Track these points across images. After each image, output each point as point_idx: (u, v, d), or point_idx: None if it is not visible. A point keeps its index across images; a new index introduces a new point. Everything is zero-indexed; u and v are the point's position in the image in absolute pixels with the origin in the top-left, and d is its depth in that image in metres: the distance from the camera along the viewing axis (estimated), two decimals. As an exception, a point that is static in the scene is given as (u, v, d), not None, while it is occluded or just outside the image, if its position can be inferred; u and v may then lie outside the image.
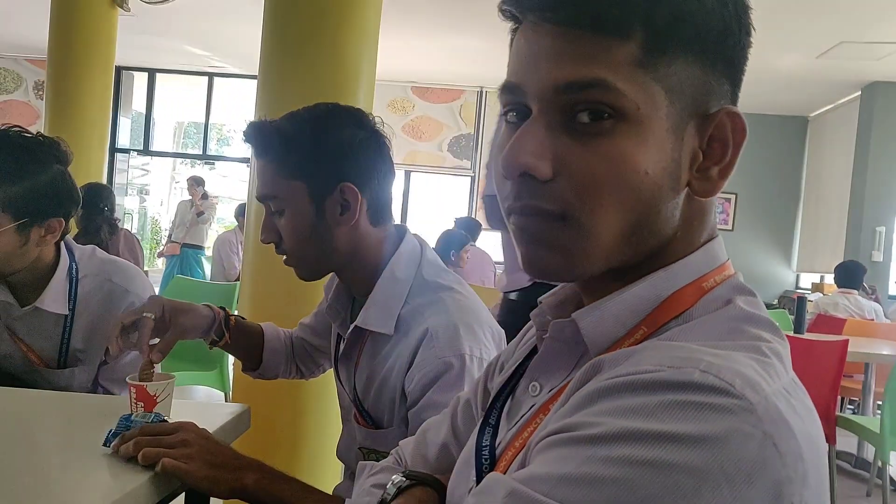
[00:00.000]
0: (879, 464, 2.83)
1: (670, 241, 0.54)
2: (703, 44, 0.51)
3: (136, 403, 1.06)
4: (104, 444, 0.94)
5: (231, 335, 1.28)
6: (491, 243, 7.04)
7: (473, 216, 7.68)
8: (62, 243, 1.45)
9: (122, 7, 4.78)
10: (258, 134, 1.11)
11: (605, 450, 0.43)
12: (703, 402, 0.43)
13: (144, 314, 1.16)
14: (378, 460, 1.10)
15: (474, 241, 5.10)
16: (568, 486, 0.43)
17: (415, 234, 1.20)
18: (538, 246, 0.53)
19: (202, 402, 1.25)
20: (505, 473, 0.54)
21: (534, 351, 0.64)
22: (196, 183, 7.21)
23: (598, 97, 0.49)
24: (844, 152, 7.21)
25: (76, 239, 3.30)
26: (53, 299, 1.41)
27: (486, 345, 1.08)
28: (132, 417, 0.95)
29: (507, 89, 0.54)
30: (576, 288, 0.61)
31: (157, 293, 1.50)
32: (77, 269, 1.46)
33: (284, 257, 1.15)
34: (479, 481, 0.58)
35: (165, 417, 0.98)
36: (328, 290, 1.25)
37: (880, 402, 2.89)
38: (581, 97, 0.50)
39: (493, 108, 8.27)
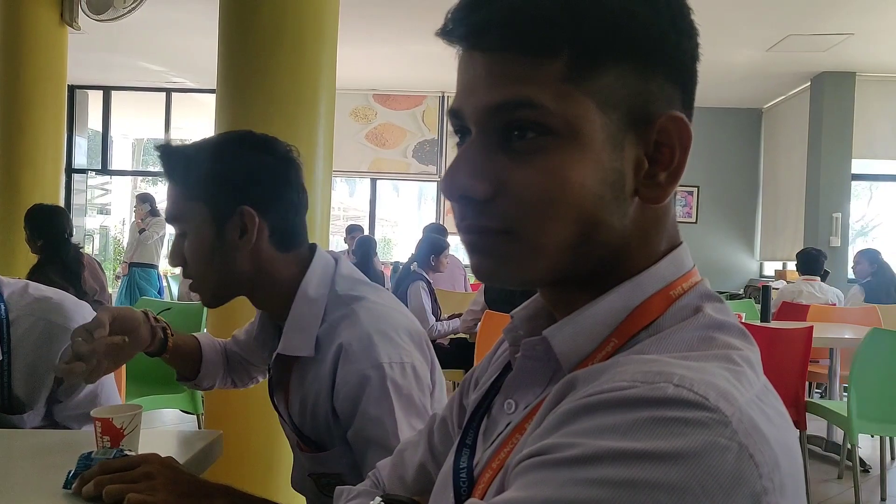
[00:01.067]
0: (849, 446, 2.89)
1: (626, 250, 0.54)
2: (638, 54, 0.51)
3: (101, 438, 1.03)
4: (64, 486, 0.90)
5: (172, 342, 1.25)
6: (459, 246, 7.02)
7: (441, 222, 7.69)
8: None
9: (71, 25, 4.68)
10: (164, 156, 1.12)
11: (584, 471, 0.42)
12: (677, 417, 0.42)
13: (97, 330, 1.11)
14: (330, 482, 1.10)
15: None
16: None
17: (329, 251, 1.19)
18: (484, 257, 0.54)
19: (172, 430, 1.20)
20: (483, 497, 0.53)
21: (508, 366, 0.64)
22: (141, 200, 7.10)
23: (528, 116, 0.51)
24: (798, 142, 7.39)
25: (40, 269, 3.18)
26: None
27: (406, 348, 1.07)
28: (92, 455, 0.92)
29: (451, 114, 0.56)
30: (545, 302, 0.61)
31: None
32: (6, 309, 1.36)
33: (191, 283, 1.14)
34: (457, 502, 0.57)
35: (128, 451, 0.94)
36: (255, 323, 1.24)
37: (846, 385, 2.95)
38: (512, 117, 0.51)
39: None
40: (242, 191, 1.08)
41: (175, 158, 1.11)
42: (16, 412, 1.37)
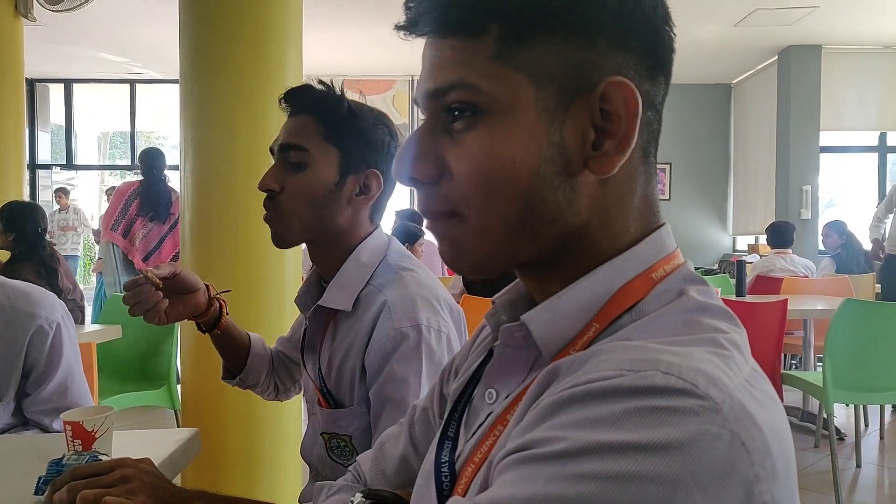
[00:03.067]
0: (825, 416, 2.94)
1: (587, 230, 0.53)
2: (572, 24, 0.50)
3: (72, 442, 1.00)
4: (35, 493, 0.87)
5: (227, 321, 1.27)
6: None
7: (415, 207, 7.64)
8: None
9: (26, 17, 4.53)
10: (317, 93, 1.14)
11: (572, 466, 0.41)
12: (667, 406, 0.41)
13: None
14: (339, 444, 1.11)
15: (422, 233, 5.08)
16: None
17: (386, 234, 1.23)
18: (442, 241, 0.55)
19: (148, 430, 1.18)
20: (465, 493, 0.52)
21: (489, 354, 0.62)
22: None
23: (459, 97, 0.51)
24: (767, 116, 7.46)
25: (12, 266, 3.12)
26: None
27: (444, 318, 1.10)
28: (63, 460, 0.89)
29: (415, 102, 0.57)
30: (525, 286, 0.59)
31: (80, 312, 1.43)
32: None
33: (268, 213, 1.13)
34: (439, 501, 0.55)
35: (101, 455, 0.91)
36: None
37: (820, 356, 3.00)
38: (447, 100, 0.52)
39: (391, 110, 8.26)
40: (375, 157, 1.14)
41: (331, 97, 1.13)
42: None
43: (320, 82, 1.15)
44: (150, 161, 4.33)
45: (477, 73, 0.50)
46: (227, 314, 1.28)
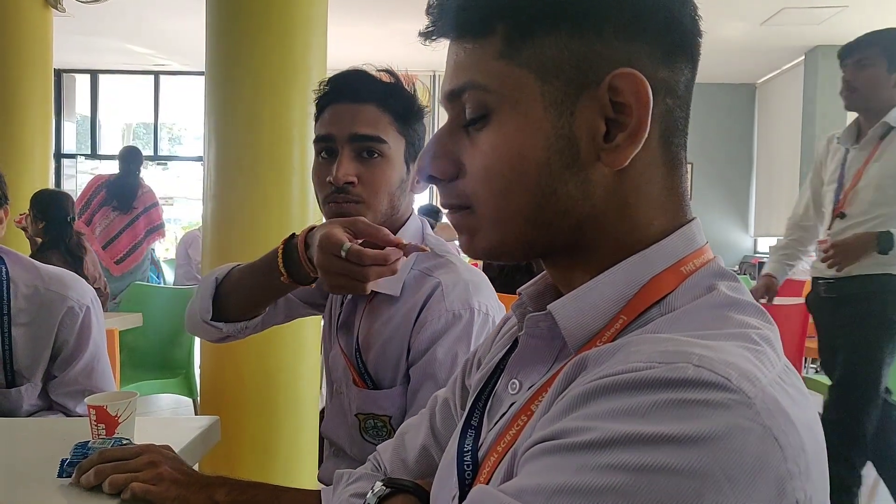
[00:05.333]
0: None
1: (604, 221, 0.53)
2: (576, 18, 0.50)
3: (96, 426, 1.01)
4: (59, 476, 0.89)
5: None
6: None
7: (434, 202, 7.63)
8: None
9: (56, 7, 4.59)
10: (388, 83, 1.14)
11: (600, 457, 0.40)
12: (698, 399, 0.41)
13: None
14: (375, 425, 1.11)
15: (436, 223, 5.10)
16: (562, 498, 0.40)
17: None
18: (460, 232, 0.57)
19: (168, 417, 1.19)
20: (489, 482, 0.52)
21: (514, 345, 0.62)
22: None
23: (470, 97, 0.53)
24: (792, 117, 7.35)
25: (42, 253, 3.19)
26: None
27: (493, 305, 1.11)
28: (89, 444, 0.90)
29: (440, 103, 0.59)
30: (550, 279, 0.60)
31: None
32: (7, 271, 1.39)
33: (338, 204, 1.11)
34: (461, 489, 0.56)
35: (126, 440, 0.92)
36: None
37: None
38: (461, 101, 0.54)
39: (421, 95, 8.25)
40: (424, 143, 1.14)
41: (395, 87, 1.14)
42: (16, 385, 1.39)
43: (386, 71, 1.16)
44: (132, 157, 4.67)
45: (485, 72, 0.52)
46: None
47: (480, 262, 3.88)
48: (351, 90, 1.12)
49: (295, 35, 2.19)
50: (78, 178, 9.23)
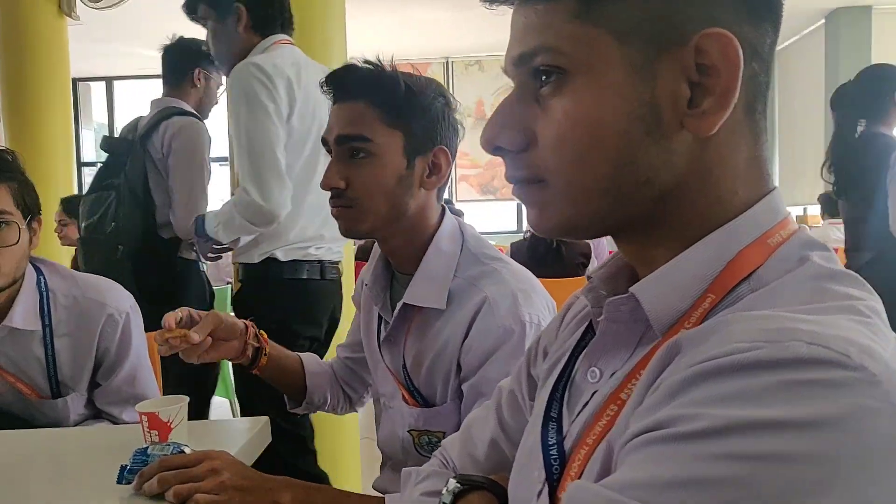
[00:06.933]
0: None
1: (686, 192, 0.49)
2: None
3: (149, 433, 1.00)
4: (118, 482, 0.88)
5: (269, 353, 1.21)
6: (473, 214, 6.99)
7: (454, 191, 7.61)
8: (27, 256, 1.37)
9: (70, 15, 4.61)
10: (366, 73, 1.06)
11: (713, 446, 0.37)
12: (816, 379, 0.37)
13: (168, 314, 1.11)
14: (430, 441, 1.08)
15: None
16: (674, 492, 0.37)
17: (452, 215, 1.18)
18: (529, 207, 0.54)
19: (217, 420, 1.19)
20: (582, 475, 0.49)
21: (587, 331, 0.59)
22: None
23: (543, 62, 0.50)
24: (814, 83, 7.19)
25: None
26: (23, 315, 1.34)
27: (542, 311, 1.06)
28: (148, 451, 0.89)
29: (505, 73, 0.55)
30: (625, 259, 0.56)
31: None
32: (46, 282, 1.39)
33: (336, 209, 1.08)
34: (550, 483, 0.53)
35: (184, 447, 0.91)
36: (363, 279, 1.21)
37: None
38: (533, 65, 0.50)
39: (460, 77, 8.18)
40: (440, 131, 1.08)
41: (382, 77, 1.06)
42: (62, 396, 1.39)
43: (366, 61, 1.08)
44: None
45: (558, 34, 0.49)
46: (266, 354, 1.22)
47: (507, 248, 3.84)
48: (336, 89, 1.07)
49: (314, 28, 2.16)
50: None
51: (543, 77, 0.50)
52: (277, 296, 1.83)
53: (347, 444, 2.34)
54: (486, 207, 8.16)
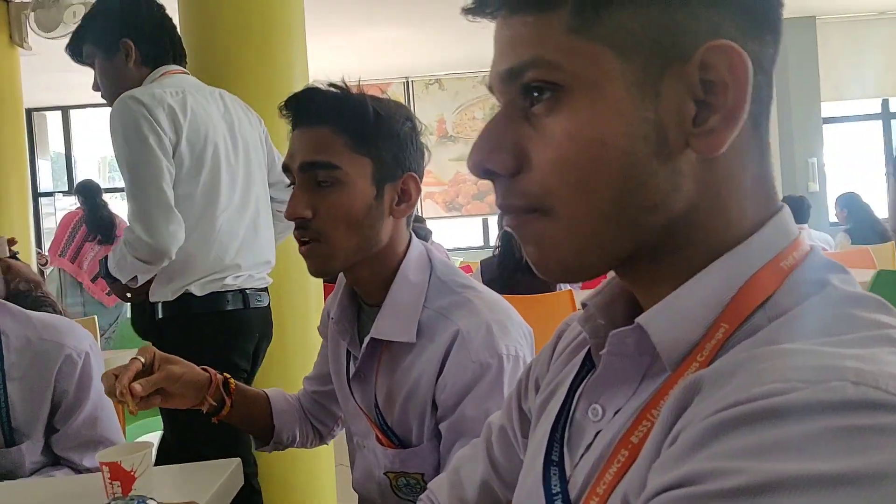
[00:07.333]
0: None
1: (696, 214, 0.46)
2: None
3: (111, 484, 0.94)
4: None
5: (233, 400, 1.13)
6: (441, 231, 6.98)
7: (419, 210, 7.60)
8: None
9: (22, 46, 4.50)
10: (331, 97, 1.00)
11: None
12: (868, 425, 0.33)
13: (134, 358, 1.03)
14: (408, 482, 1.02)
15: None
16: None
17: (418, 240, 1.12)
18: (526, 243, 0.49)
19: (184, 466, 1.12)
20: None
21: (584, 364, 0.55)
22: None
23: (535, 77, 0.46)
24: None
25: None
26: None
27: (519, 341, 1.00)
28: (111, 507, 0.84)
29: (489, 90, 0.51)
30: (624, 285, 0.53)
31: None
32: None
33: (303, 244, 1.01)
34: None
35: (149, 500, 0.85)
36: (329, 309, 1.15)
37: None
38: (524, 80, 0.47)
39: (421, 97, 8.18)
40: (409, 156, 1.04)
41: (347, 102, 1.00)
42: (15, 443, 1.31)
43: (332, 84, 1.02)
44: (93, 192, 4.81)
45: (554, 48, 0.45)
46: (230, 405, 1.13)
47: (476, 265, 3.81)
48: (300, 113, 1.01)
49: (275, 48, 2.14)
50: (57, 216, 9.08)
51: (535, 94, 0.46)
52: (198, 331, 1.75)
53: (323, 473, 2.28)
54: (451, 224, 8.16)
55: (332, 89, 1.01)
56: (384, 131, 1.01)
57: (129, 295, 1.84)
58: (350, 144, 0.99)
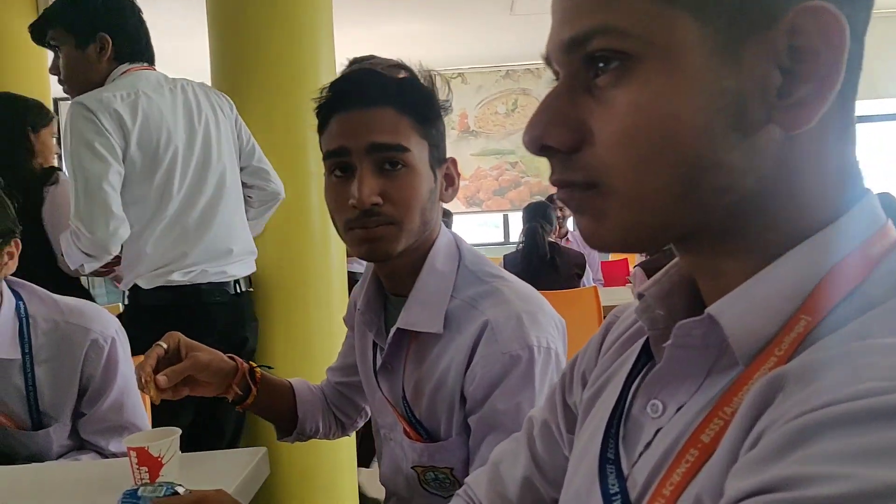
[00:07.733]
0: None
1: (771, 197, 0.42)
2: None
3: (138, 469, 0.93)
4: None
5: (258, 389, 1.12)
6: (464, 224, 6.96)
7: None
8: (2, 280, 1.30)
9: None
10: (401, 80, 0.98)
11: None
12: None
13: (156, 344, 1.02)
14: (437, 477, 1.00)
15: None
16: None
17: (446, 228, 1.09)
18: (580, 216, 0.46)
19: (211, 452, 1.11)
20: None
21: (640, 357, 0.52)
22: None
23: (603, 45, 0.42)
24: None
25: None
26: (1, 344, 1.27)
27: (551, 333, 0.96)
28: (139, 492, 0.82)
29: (546, 62, 0.48)
30: (683, 273, 0.49)
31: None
32: (25, 308, 1.32)
33: (369, 230, 0.95)
34: None
35: (178, 486, 0.84)
36: (355, 299, 1.13)
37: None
38: (588, 50, 0.43)
39: (440, 89, 8.15)
40: (445, 140, 1.03)
41: (416, 86, 0.99)
42: (43, 426, 1.32)
43: (396, 65, 1.00)
44: None
45: (624, 13, 0.41)
46: (255, 393, 1.11)
47: (500, 260, 3.78)
48: (360, 93, 0.95)
49: (302, 40, 2.13)
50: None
51: (601, 64, 0.43)
52: (149, 323, 1.69)
53: (345, 474, 2.27)
54: (472, 220, 8.13)
55: (395, 68, 0.99)
56: (440, 115, 1.00)
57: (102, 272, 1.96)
58: (415, 127, 0.96)
